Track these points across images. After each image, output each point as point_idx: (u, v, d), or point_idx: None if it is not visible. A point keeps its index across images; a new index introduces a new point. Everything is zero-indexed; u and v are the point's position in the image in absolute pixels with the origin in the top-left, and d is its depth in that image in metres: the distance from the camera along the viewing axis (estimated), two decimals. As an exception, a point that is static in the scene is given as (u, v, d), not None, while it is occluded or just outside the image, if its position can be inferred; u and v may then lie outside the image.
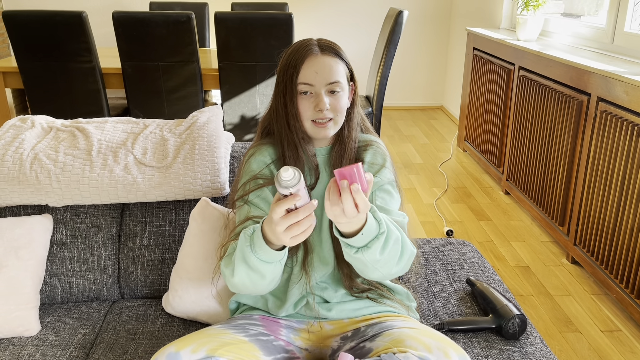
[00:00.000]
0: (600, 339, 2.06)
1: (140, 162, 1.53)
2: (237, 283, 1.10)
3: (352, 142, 1.25)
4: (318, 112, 1.16)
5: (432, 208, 3.17)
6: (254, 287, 1.11)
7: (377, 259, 1.03)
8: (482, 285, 1.44)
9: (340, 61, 1.19)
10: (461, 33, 4.83)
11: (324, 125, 1.18)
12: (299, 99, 1.18)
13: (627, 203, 2.11)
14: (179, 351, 1.01)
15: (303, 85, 1.17)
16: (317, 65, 1.16)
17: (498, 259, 2.62)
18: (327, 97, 1.17)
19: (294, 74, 1.16)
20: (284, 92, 1.18)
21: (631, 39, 2.55)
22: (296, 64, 1.17)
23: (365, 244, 1.01)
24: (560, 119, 2.63)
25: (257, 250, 1.03)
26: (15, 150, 1.52)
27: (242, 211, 1.22)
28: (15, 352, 1.29)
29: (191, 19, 2.85)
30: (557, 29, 3.28)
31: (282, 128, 1.21)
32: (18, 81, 3.14)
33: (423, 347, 1.01)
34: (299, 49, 1.18)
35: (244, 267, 1.07)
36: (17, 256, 1.38)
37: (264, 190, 1.22)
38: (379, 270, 1.07)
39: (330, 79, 1.17)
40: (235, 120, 3.11)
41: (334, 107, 1.18)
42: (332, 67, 1.17)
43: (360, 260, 1.04)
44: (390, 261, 1.06)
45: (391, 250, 1.05)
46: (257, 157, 1.26)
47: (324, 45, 1.19)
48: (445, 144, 4.33)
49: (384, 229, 1.01)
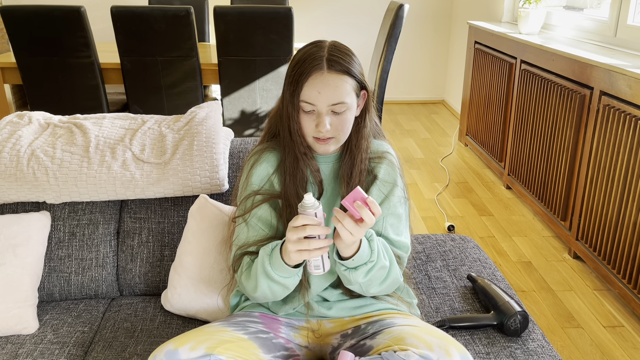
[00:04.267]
0: (603, 335, 2.05)
1: (138, 158, 1.52)
2: (259, 296, 1.17)
3: (362, 152, 1.19)
4: (318, 132, 1.12)
5: (433, 203, 3.16)
6: (275, 297, 1.17)
7: (359, 281, 1.13)
8: (483, 281, 1.43)
9: (347, 78, 1.11)
10: (462, 26, 4.80)
11: (325, 142, 1.14)
12: (301, 115, 1.13)
13: (629, 198, 2.10)
14: (177, 349, 1.00)
15: (305, 103, 1.11)
16: (320, 85, 1.09)
17: (500, 254, 2.61)
18: (330, 116, 1.12)
19: (295, 91, 1.11)
20: (287, 106, 1.14)
21: (634, 32, 2.53)
22: (299, 80, 1.10)
23: (354, 267, 1.10)
24: (562, 113, 2.61)
25: (276, 268, 1.09)
26: (13, 147, 1.51)
27: (242, 231, 1.22)
28: (14, 350, 1.28)
29: (190, 14, 2.82)
30: (559, 22, 3.25)
31: (285, 137, 1.18)
32: (17, 77, 3.13)
33: (424, 345, 1.00)
34: (306, 60, 1.10)
35: (267, 281, 1.12)
36: (15, 254, 1.37)
37: (263, 207, 1.20)
38: (360, 286, 1.15)
39: (333, 100, 1.10)
40: (235, 115, 3.10)
41: (335, 127, 1.12)
42: (337, 88, 1.09)
43: (346, 277, 1.13)
44: (372, 283, 1.15)
45: (374, 276, 1.13)
46: (258, 169, 1.22)
47: (333, 60, 1.10)
48: (447, 139, 4.31)
49: (373, 259, 1.10)
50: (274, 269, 1.10)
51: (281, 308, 1.22)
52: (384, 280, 1.16)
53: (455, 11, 5.04)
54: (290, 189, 1.17)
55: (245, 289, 1.18)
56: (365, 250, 1.08)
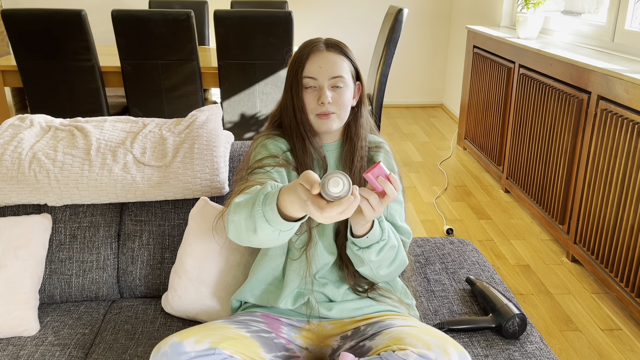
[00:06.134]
0: (601, 338, 2.06)
1: (139, 161, 1.53)
2: (235, 220, 1.07)
3: (362, 140, 1.28)
4: (320, 105, 1.21)
5: (432, 206, 3.17)
6: (241, 236, 1.08)
7: (372, 259, 1.17)
8: (482, 284, 1.44)
9: (345, 58, 1.24)
10: (461, 31, 4.82)
11: (327, 116, 1.22)
12: (304, 92, 1.23)
13: (627, 201, 2.11)
14: (182, 341, 1.01)
15: (307, 79, 1.22)
16: (321, 60, 1.22)
17: (498, 258, 2.62)
18: (330, 91, 1.22)
19: (299, 68, 1.22)
20: (291, 86, 1.24)
21: (632, 37, 2.54)
22: (302, 59, 1.23)
23: (367, 245, 1.15)
24: (560, 117, 2.62)
25: (266, 207, 1.00)
26: (14, 150, 1.52)
27: (257, 176, 1.21)
28: (15, 352, 1.29)
29: (190, 17, 2.84)
30: (557, 26, 3.27)
31: (290, 121, 1.26)
32: (17, 80, 3.14)
33: (422, 345, 1.01)
34: (306, 46, 1.24)
35: (246, 212, 1.04)
36: (16, 256, 1.38)
37: (282, 171, 1.24)
38: (371, 268, 1.20)
39: (333, 74, 1.21)
40: (235, 118, 3.11)
41: (336, 101, 1.22)
42: (335, 63, 1.22)
43: (359, 257, 1.17)
44: (382, 264, 1.20)
45: (385, 255, 1.19)
46: (274, 143, 1.28)
47: (330, 43, 1.25)
48: (445, 142, 4.32)
49: (385, 237, 1.16)
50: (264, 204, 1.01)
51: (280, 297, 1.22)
52: (393, 262, 1.22)
53: (454, 16, 5.06)
54: (303, 168, 1.24)
55: (231, 207, 1.10)
56: (377, 229, 1.15)
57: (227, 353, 1.01)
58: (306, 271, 1.22)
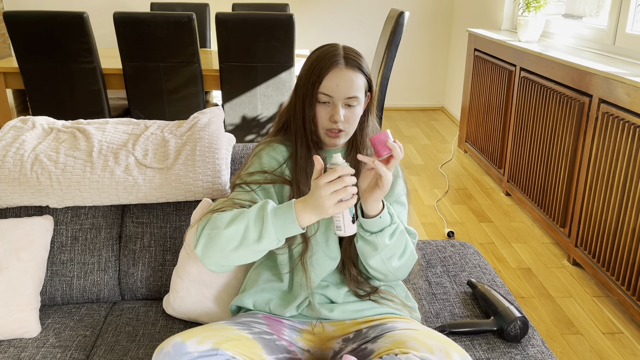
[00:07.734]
0: (602, 341, 2.06)
1: (141, 163, 1.53)
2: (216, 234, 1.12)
3: (367, 149, 1.29)
4: (332, 122, 1.21)
5: (433, 209, 3.17)
6: (212, 252, 1.14)
7: (386, 243, 1.18)
8: (483, 287, 1.44)
9: (361, 75, 1.22)
10: (462, 34, 4.82)
11: (336, 135, 1.23)
12: (318, 106, 1.22)
13: (628, 205, 2.11)
14: (185, 341, 1.01)
15: (323, 95, 1.20)
16: (339, 78, 1.19)
17: (499, 261, 2.61)
18: (343, 109, 1.21)
19: (316, 82, 1.20)
20: (304, 96, 1.23)
21: (633, 41, 2.55)
22: (320, 73, 1.20)
23: (380, 229, 1.17)
24: (561, 121, 2.62)
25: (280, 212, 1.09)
26: (16, 152, 1.52)
27: (240, 194, 1.24)
28: (16, 354, 1.29)
29: (192, 20, 2.84)
30: (558, 30, 3.27)
31: (298, 128, 1.26)
32: (19, 82, 3.14)
33: (425, 348, 1.01)
34: (326, 57, 1.21)
35: (247, 222, 1.10)
36: (18, 257, 1.38)
37: (269, 188, 1.25)
38: (383, 259, 1.19)
39: (349, 94, 1.20)
40: (236, 121, 3.11)
41: (347, 119, 1.22)
42: (353, 82, 1.20)
43: (372, 243, 1.18)
44: (396, 251, 1.20)
45: (398, 239, 1.20)
46: (270, 153, 1.29)
47: (349, 58, 1.21)
48: (446, 145, 4.33)
49: (395, 221, 1.19)
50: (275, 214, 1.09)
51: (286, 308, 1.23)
52: (404, 252, 1.23)
53: (455, 19, 5.07)
54: (302, 176, 1.24)
55: (212, 220, 1.15)
56: (387, 214, 1.17)
57: (230, 354, 1.01)
58: (302, 278, 1.22)
